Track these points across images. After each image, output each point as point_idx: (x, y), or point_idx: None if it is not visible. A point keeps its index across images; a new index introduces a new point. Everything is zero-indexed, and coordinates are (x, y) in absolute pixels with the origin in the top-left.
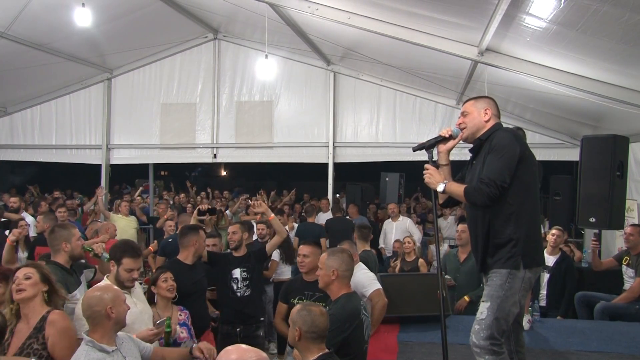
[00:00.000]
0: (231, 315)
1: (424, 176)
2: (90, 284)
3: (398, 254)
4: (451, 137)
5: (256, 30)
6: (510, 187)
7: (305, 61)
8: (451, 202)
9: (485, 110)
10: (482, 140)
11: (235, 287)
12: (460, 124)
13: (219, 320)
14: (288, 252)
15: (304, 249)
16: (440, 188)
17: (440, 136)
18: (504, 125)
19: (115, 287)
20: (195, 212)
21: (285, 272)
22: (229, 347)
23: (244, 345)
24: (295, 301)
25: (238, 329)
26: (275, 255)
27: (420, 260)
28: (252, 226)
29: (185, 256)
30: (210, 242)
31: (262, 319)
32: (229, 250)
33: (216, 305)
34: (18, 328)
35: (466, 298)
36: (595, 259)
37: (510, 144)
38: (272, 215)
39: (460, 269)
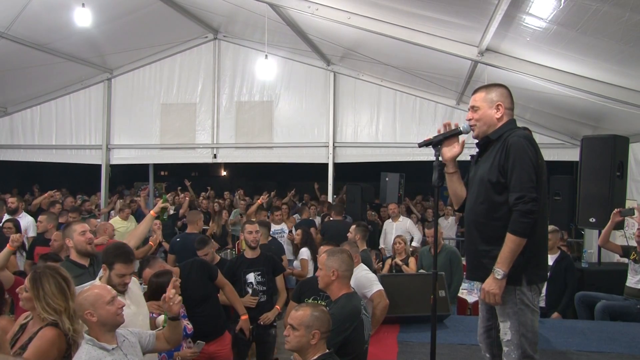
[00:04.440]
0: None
1: (489, 299)
2: None
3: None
4: (460, 133)
5: (256, 30)
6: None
7: (305, 61)
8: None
9: (498, 105)
10: (491, 139)
11: (250, 293)
12: (469, 119)
13: (232, 321)
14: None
15: (324, 249)
16: (502, 276)
17: (449, 131)
18: None
19: (100, 288)
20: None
21: (309, 271)
22: None
23: None
24: (310, 301)
25: (251, 326)
26: (305, 253)
27: (411, 258)
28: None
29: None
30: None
31: (275, 324)
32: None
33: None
34: (31, 325)
35: None
36: (608, 234)
37: (526, 151)
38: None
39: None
